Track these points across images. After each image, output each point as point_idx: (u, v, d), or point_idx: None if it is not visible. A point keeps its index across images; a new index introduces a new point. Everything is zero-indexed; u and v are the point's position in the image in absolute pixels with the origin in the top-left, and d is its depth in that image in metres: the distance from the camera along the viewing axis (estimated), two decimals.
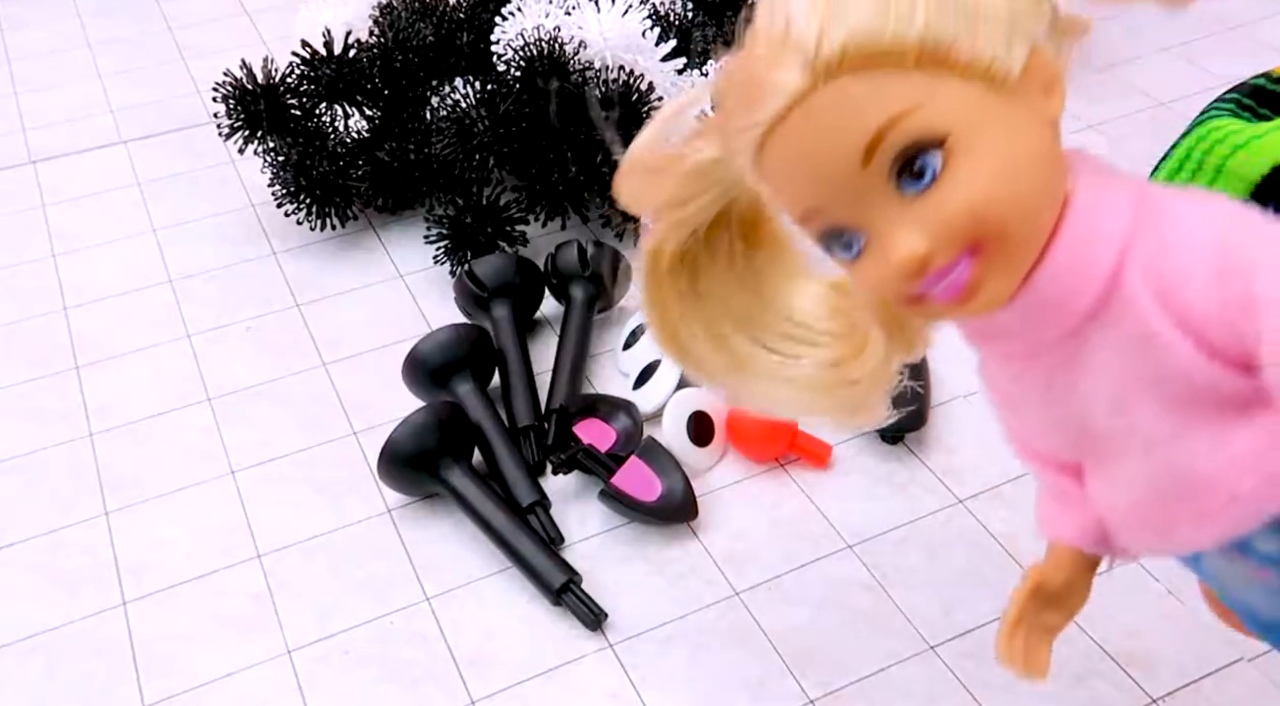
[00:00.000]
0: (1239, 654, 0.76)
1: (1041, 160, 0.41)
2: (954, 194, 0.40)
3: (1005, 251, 0.41)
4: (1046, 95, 0.42)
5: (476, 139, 1.10)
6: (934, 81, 0.40)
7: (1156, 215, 0.41)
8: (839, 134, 0.40)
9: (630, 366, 1.01)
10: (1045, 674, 0.57)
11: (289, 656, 0.81)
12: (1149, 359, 0.41)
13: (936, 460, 0.91)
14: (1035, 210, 0.41)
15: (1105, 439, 0.46)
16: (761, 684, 0.77)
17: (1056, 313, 0.43)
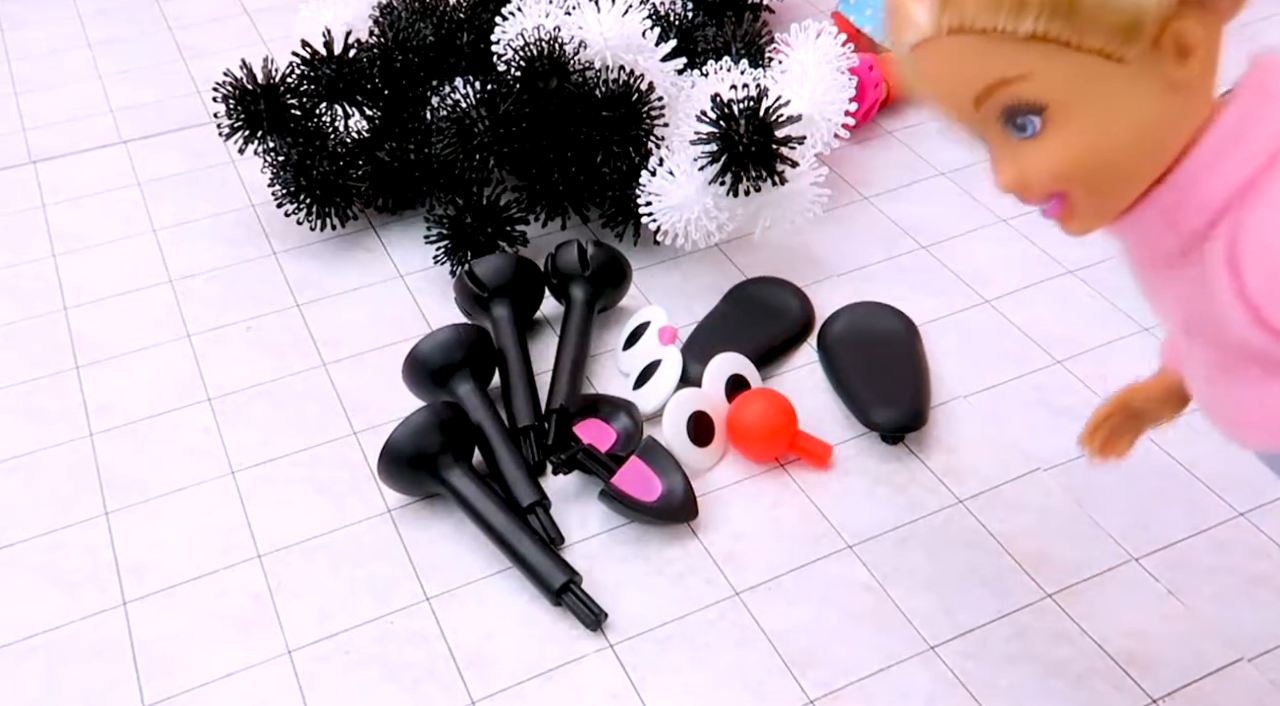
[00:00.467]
0: (1239, 654, 0.76)
1: (1147, 130, 0.44)
2: (1045, 154, 0.45)
3: (1089, 203, 0.46)
4: (1180, 60, 0.44)
5: (477, 139, 1.10)
6: (1047, 54, 0.43)
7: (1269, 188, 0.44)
8: (957, 79, 0.45)
9: (630, 366, 1.01)
10: (1120, 457, 0.68)
11: (289, 656, 0.81)
12: (1210, 306, 0.46)
13: (936, 460, 0.91)
14: (1122, 176, 0.45)
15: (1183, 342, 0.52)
16: (761, 684, 0.77)
17: (1141, 245, 0.48)
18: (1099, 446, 0.68)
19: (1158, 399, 0.65)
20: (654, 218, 1.06)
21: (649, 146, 1.11)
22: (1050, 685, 0.75)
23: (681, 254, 1.15)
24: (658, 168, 1.06)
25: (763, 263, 1.13)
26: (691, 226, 1.05)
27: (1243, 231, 0.44)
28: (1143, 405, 0.66)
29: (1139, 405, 0.66)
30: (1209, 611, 0.79)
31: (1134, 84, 0.43)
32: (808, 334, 1.04)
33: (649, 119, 1.10)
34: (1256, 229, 0.43)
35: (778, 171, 1.03)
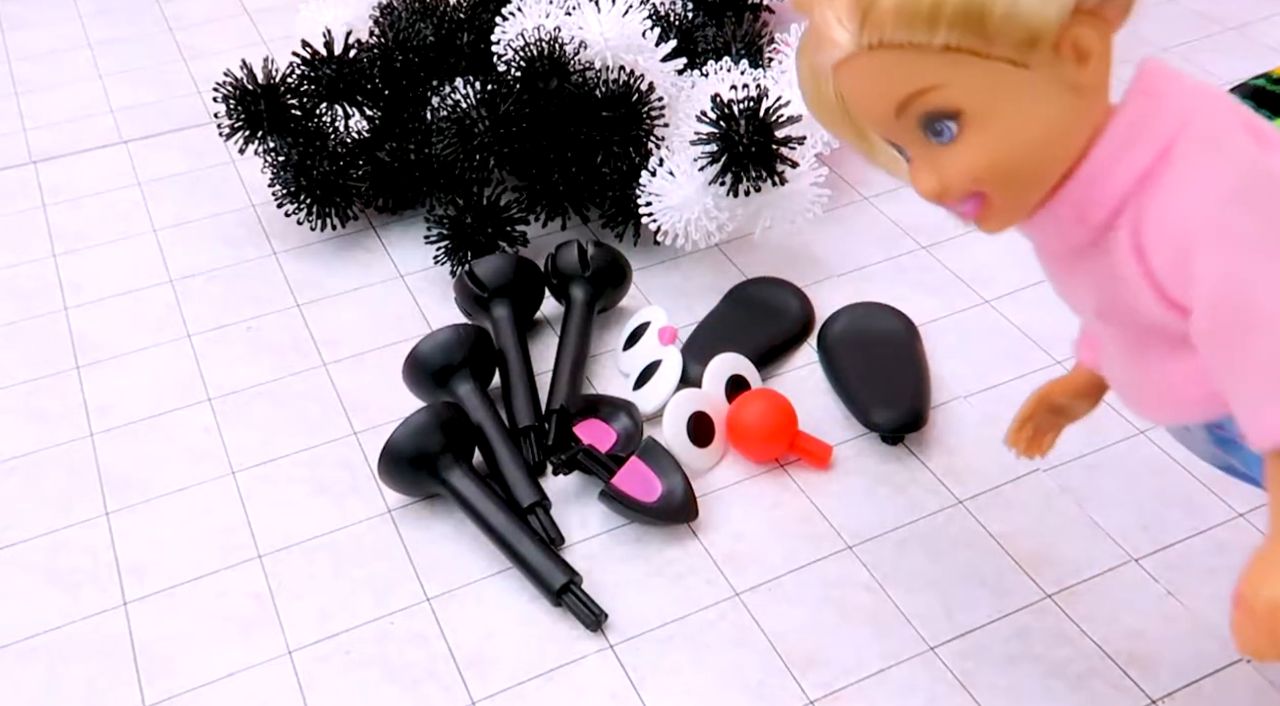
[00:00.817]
0: (1238, 655, 0.76)
1: (1053, 130, 0.49)
2: (961, 158, 0.49)
3: (1004, 201, 0.50)
4: (1079, 64, 0.48)
5: (477, 139, 1.10)
6: (959, 63, 0.47)
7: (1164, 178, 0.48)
8: (879, 92, 0.49)
9: (630, 366, 1.01)
10: (1044, 454, 0.72)
11: (289, 656, 0.81)
12: (1121, 291, 0.50)
13: (936, 461, 0.91)
14: (1033, 175, 0.50)
15: (1092, 327, 0.57)
16: (761, 684, 0.77)
17: (1052, 239, 0.53)
18: (1025, 445, 0.73)
19: (1075, 393, 0.70)
20: (654, 218, 1.06)
21: (649, 146, 1.11)
22: (1050, 685, 0.75)
23: (681, 254, 1.15)
24: (658, 168, 1.06)
25: (763, 263, 1.13)
26: (691, 226, 1.05)
27: (1144, 219, 0.48)
28: (1061, 400, 0.70)
29: (1058, 400, 0.71)
30: (1209, 612, 0.79)
31: (1039, 88, 0.48)
32: (808, 334, 1.04)
33: (649, 119, 1.10)
34: (1156, 216, 0.47)
35: (778, 171, 1.03)
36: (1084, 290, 0.54)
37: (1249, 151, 0.48)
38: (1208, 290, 0.47)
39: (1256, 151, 0.49)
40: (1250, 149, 0.49)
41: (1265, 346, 0.45)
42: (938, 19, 0.46)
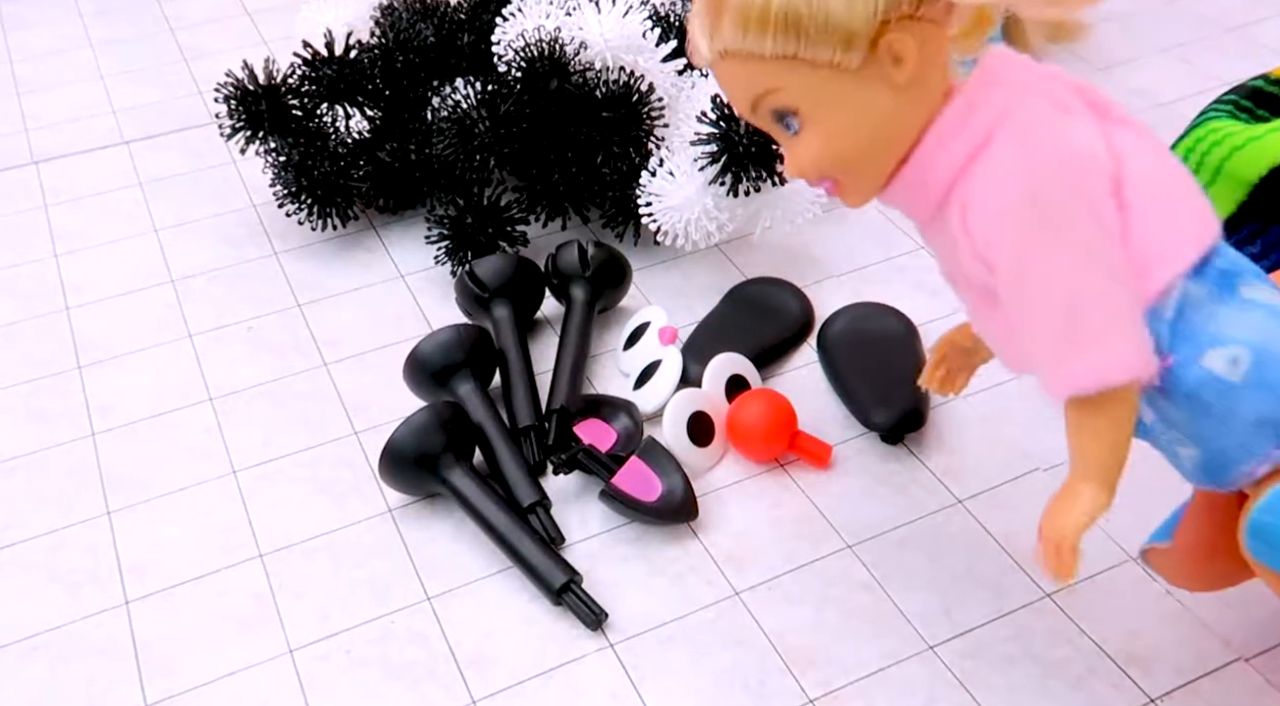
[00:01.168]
0: (1236, 654, 0.76)
1: (878, 123, 0.57)
2: (805, 149, 0.58)
3: (851, 180, 0.59)
4: (896, 66, 0.56)
5: (477, 139, 1.11)
6: (790, 68, 0.55)
7: (980, 165, 0.56)
8: (736, 92, 0.59)
9: (631, 366, 1.01)
10: (957, 391, 0.77)
11: (290, 656, 0.82)
12: (959, 256, 0.58)
13: (936, 460, 0.91)
14: (867, 161, 0.58)
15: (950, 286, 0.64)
16: (761, 683, 0.77)
17: (910, 209, 0.60)
18: (939, 385, 0.78)
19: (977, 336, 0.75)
20: (654, 218, 1.07)
21: (649, 147, 1.11)
22: (1049, 684, 0.76)
23: (681, 254, 1.15)
24: (658, 168, 1.06)
25: (763, 263, 1.13)
26: (691, 227, 1.05)
27: (969, 194, 0.56)
28: (967, 342, 0.76)
29: (964, 342, 0.76)
30: (1207, 611, 0.79)
31: (863, 88, 0.56)
32: (808, 334, 1.05)
33: (649, 119, 1.10)
34: (973, 200, 0.55)
35: (778, 171, 1.03)
36: (940, 252, 0.62)
37: (1058, 141, 0.56)
38: (1003, 268, 0.55)
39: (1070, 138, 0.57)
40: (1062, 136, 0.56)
41: (1041, 321, 0.55)
42: (764, 31, 0.54)
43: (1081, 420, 0.56)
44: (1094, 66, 1.40)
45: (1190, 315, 0.58)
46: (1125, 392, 0.55)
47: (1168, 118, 1.28)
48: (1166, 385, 0.57)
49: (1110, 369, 0.54)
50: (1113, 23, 1.48)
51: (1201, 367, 0.57)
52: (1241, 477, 0.59)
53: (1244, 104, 0.96)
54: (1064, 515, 0.57)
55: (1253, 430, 0.57)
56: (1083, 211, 0.56)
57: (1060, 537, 0.56)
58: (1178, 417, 0.58)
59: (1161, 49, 1.42)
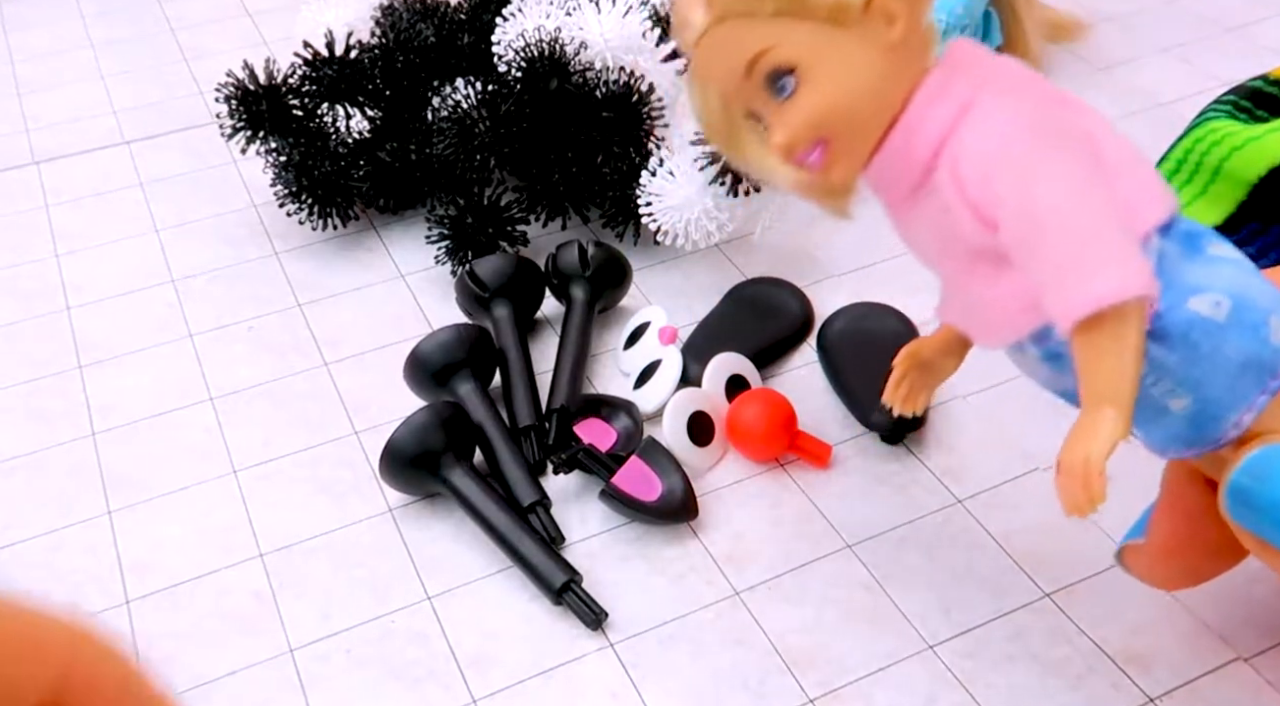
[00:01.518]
0: (1235, 653, 0.77)
1: (873, 80, 0.59)
2: (801, 107, 0.59)
3: (843, 145, 0.60)
4: (888, 25, 0.58)
5: (477, 139, 1.11)
6: (789, 25, 0.58)
7: (969, 119, 0.59)
8: (728, 57, 0.60)
9: (630, 366, 1.01)
10: (918, 411, 0.79)
11: (291, 655, 0.82)
12: (949, 223, 0.59)
13: (936, 460, 0.92)
14: (863, 119, 0.60)
15: (936, 272, 0.66)
16: (761, 683, 0.77)
17: (893, 184, 0.62)
18: (900, 402, 0.80)
19: (939, 349, 0.77)
20: (654, 218, 1.07)
21: (649, 147, 1.11)
22: (1048, 684, 0.76)
23: (681, 254, 1.15)
24: (658, 168, 1.06)
25: (763, 263, 1.13)
26: (692, 227, 1.05)
27: (957, 154, 0.58)
28: (927, 355, 0.77)
29: (925, 356, 0.77)
30: (1206, 610, 0.79)
31: (857, 45, 0.58)
32: (808, 334, 1.05)
33: (649, 119, 1.10)
34: (965, 150, 0.58)
35: None
36: (924, 231, 0.63)
37: (1036, 98, 0.60)
38: (1007, 202, 0.57)
39: (1044, 99, 0.60)
40: (1039, 96, 0.60)
41: (1052, 239, 0.56)
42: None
43: (1096, 343, 0.56)
44: (1094, 66, 1.40)
45: (1167, 267, 0.60)
46: (1135, 312, 0.56)
47: (1168, 118, 1.28)
48: (1156, 329, 0.59)
49: (1122, 284, 0.55)
50: (1113, 23, 1.48)
51: (1189, 310, 0.59)
52: (1230, 429, 0.61)
53: (1243, 104, 0.96)
54: (1086, 442, 0.56)
55: (1238, 371, 0.59)
56: (1073, 144, 0.59)
57: (1086, 464, 0.56)
58: (1171, 363, 0.60)
59: (1161, 49, 1.42)
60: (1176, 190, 0.95)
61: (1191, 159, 0.94)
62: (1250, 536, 0.61)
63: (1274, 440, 0.60)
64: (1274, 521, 0.59)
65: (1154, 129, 1.27)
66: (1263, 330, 0.59)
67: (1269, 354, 0.59)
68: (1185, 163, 0.95)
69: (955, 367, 0.78)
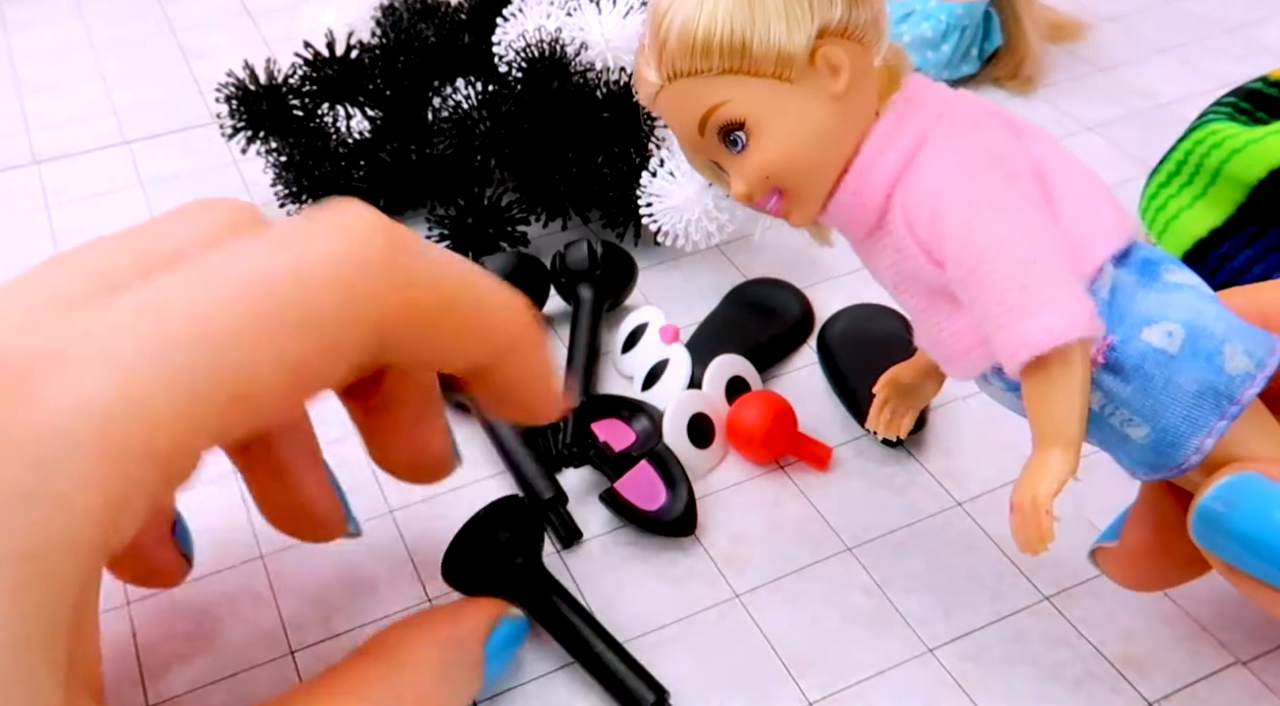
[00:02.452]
0: (1233, 657, 0.77)
1: (820, 130, 0.60)
2: (753, 159, 0.60)
3: (796, 193, 0.61)
4: (833, 76, 0.59)
5: (478, 140, 1.11)
6: (737, 82, 0.58)
7: (918, 161, 0.59)
8: (683, 114, 0.61)
9: (633, 368, 1.01)
10: (903, 433, 0.81)
11: (292, 657, 0.82)
12: (905, 262, 0.60)
13: (935, 463, 0.92)
14: (812, 167, 0.60)
15: (901, 307, 0.66)
16: (761, 685, 0.77)
17: (851, 225, 0.63)
18: (884, 427, 0.81)
19: (919, 373, 0.78)
20: (654, 218, 1.07)
21: (649, 147, 1.11)
22: (1047, 687, 0.76)
23: (681, 254, 1.15)
24: (658, 169, 1.06)
25: (763, 263, 1.13)
26: (692, 227, 1.06)
27: (908, 193, 0.59)
28: (907, 379, 0.78)
29: (905, 380, 0.79)
30: (1205, 614, 0.79)
31: (804, 96, 0.59)
32: (808, 335, 1.05)
33: (649, 120, 1.10)
34: (915, 189, 0.58)
35: None
36: (884, 269, 0.64)
37: (985, 136, 0.60)
38: (950, 241, 0.57)
39: (994, 136, 0.60)
40: (988, 134, 0.60)
41: (993, 280, 0.56)
42: (710, 52, 0.58)
43: (1040, 385, 0.58)
44: (1094, 66, 1.40)
45: (1121, 299, 0.61)
46: (1079, 353, 0.57)
47: (1168, 118, 1.28)
48: (1111, 362, 0.60)
49: (1065, 326, 0.56)
50: (1113, 23, 1.48)
51: (1142, 342, 0.60)
52: (1191, 454, 0.61)
53: (1243, 106, 0.96)
54: (1035, 482, 0.58)
55: (1194, 401, 0.60)
56: (1018, 183, 0.60)
57: (1034, 502, 0.58)
58: (1127, 394, 0.60)
59: (1161, 49, 1.42)
60: (1176, 192, 0.96)
61: (1191, 161, 0.94)
62: (1217, 560, 0.62)
63: (1244, 467, 0.60)
64: (1240, 547, 0.59)
65: (1154, 129, 1.27)
66: (1217, 358, 0.59)
67: (1224, 381, 0.59)
68: (1185, 165, 0.95)
69: (935, 391, 0.80)
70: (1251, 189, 0.90)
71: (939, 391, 0.80)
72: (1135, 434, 0.62)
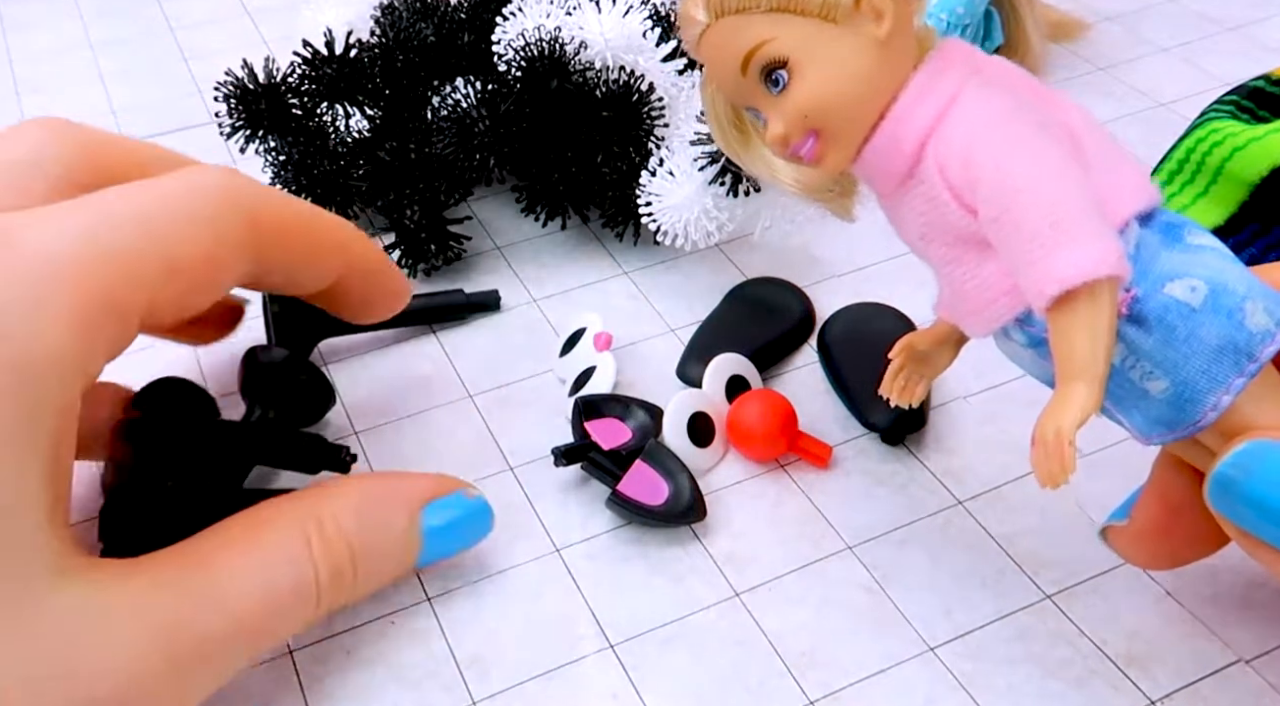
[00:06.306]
0: (1236, 656, 0.77)
1: (862, 73, 0.61)
2: (793, 99, 0.61)
3: (834, 136, 0.62)
4: (877, 22, 0.60)
5: (477, 139, 1.11)
6: (783, 21, 0.60)
7: (952, 112, 0.61)
8: (727, 54, 0.63)
9: (566, 372, 1.00)
10: (916, 402, 0.81)
11: (290, 656, 0.82)
12: (936, 211, 0.61)
13: (936, 461, 0.91)
14: (852, 110, 0.62)
15: (926, 261, 0.67)
16: (761, 684, 0.77)
17: (882, 175, 0.63)
18: (897, 393, 0.81)
19: (935, 341, 0.78)
20: (654, 218, 1.07)
21: (649, 147, 1.11)
22: (1049, 686, 0.76)
23: (681, 254, 1.15)
24: (658, 168, 1.06)
25: (763, 263, 1.13)
26: (691, 227, 1.05)
27: (941, 141, 0.60)
28: (923, 346, 0.79)
29: (920, 347, 0.79)
30: (1208, 613, 0.79)
31: (847, 40, 0.60)
32: (808, 334, 1.05)
33: (649, 119, 1.10)
34: (949, 136, 0.60)
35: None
36: (913, 220, 0.64)
37: (1021, 91, 0.62)
38: (983, 183, 0.58)
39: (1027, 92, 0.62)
40: (1021, 90, 0.62)
41: (1025, 217, 0.57)
42: None
43: (1067, 321, 0.58)
44: (1094, 66, 1.40)
45: (1145, 256, 0.62)
46: (1107, 290, 0.58)
47: (1168, 118, 1.28)
48: (1134, 313, 0.61)
49: (1095, 262, 0.57)
50: (1113, 22, 1.48)
51: (1165, 295, 0.61)
52: (1208, 411, 0.61)
53: (1245, 104, 0.96)
54: (1058, 415, 0.58)
55: (1215, 355, 0.60)
56: (1051, 131, 0.61)
57: (1057, 434, 0.58)
58: (1149, 346, 0.61)
59: (1162, 49, 1.42)
60: (1178, 190, 0.95)
61: (1193, 159, 0.94)
62: (1232, 526, 0.63)
63: (1262, 435, 0.61)
64: (1256, 514, 0.61)
65: (1154, 129, 1.27)
66: (1238, 315, 0.61)
67: (1244, 338, 0.60)
68: (1187, 163, 0.95)
69: (950, 360, 0.80)
70: (1253, 187, 0.90)
71: (953, 361, 0.80)
72: (1154, 388, 0.63)
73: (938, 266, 0.68)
